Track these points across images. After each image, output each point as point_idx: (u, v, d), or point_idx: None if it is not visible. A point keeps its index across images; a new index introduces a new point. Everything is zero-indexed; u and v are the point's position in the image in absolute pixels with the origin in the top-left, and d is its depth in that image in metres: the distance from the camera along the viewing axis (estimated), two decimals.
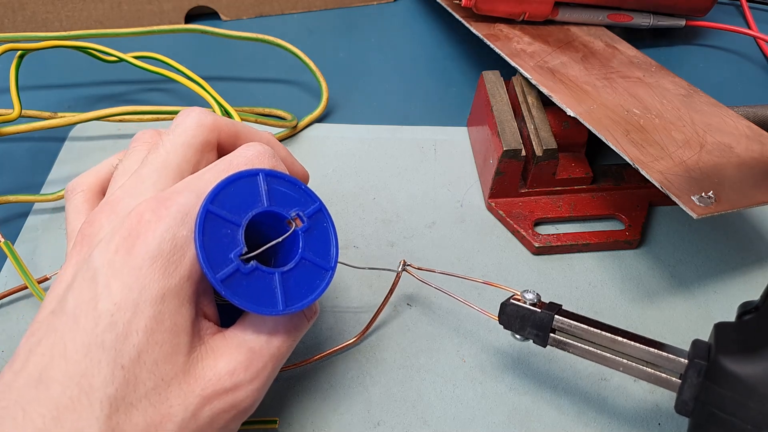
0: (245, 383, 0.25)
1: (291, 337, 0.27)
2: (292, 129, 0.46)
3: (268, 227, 0.27)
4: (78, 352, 0.22)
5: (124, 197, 0.26)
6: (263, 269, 0.25)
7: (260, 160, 0.27)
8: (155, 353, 0.23)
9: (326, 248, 0.27)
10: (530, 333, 0.30)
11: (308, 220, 0.27)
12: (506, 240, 0.40)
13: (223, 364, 0.25)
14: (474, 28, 0.47)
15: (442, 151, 0.46)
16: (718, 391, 0.25)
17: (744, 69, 0.54)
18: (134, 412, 0.22)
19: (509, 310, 0.30)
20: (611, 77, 0.44)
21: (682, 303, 0.37)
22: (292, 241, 0.27)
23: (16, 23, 0.54)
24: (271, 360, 0.26)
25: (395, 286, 0.35)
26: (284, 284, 0.25)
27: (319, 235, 0.27)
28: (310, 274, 0.26)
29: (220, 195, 0.25)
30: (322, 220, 0.28)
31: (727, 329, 0.27)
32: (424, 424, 0.32)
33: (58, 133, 0.46)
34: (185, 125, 0.28)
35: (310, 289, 0.26)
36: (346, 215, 0.41)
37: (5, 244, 0.36)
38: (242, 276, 0.24)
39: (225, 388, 0.24)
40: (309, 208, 0.27)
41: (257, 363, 0.25)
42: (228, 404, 0.24)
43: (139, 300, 0.23)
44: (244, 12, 0.58)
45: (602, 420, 0.32)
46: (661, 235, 0.40)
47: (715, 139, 0.39)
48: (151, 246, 0.23)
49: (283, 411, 0.32)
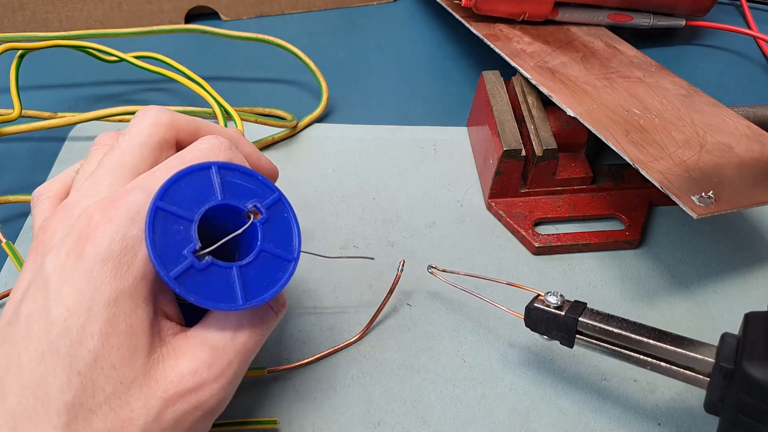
0: (209, 382, 0.24)
1: (257, 331, 0.26)
2: (292, 129, 0.46)
3: (226, 222, 0.26)
4: (32, 360, 0.22)
5: (80, 200, 0.25)
6: (219, 264, 0.24)
7: (214, 153, 0.26)
8: (112, 357, 0.22)
9: (288, 239, 0.26)
10: (556, 335, 0.30)
11: (267, 211, 0.26)
12: (506, 240, 0.40)
13: (185, 364, 0.24)
14: (474, 28, 0.47)
15: (442, 151, 0.46)
16: (742, 398, 0.24)
17: (744, 69, 0.54)
18: (94, 418, 0.22)
19: (534, 314, 0.30)
20: (611, 77, 0.44)
21: (682, 303, 0.37)
22: (252, 234, 0.26)
23: (16, 23, 0.54)
24: (237, 357, 0.25)
25: (396, 285, 0.35)
26: (243, 278, 0.25)
27: (280, 226, 0.26)
28: (271, 267, 0.26)
29: (171, 190, 0.24)
30: (282, 210, 0.27)
31: (757, 322, 0.26)
32: (424, 424, 0.32)
33: (58, 133, 0.46)
34: (141, 125, 0.27)
35: (272, 282, 0.25)
36: (346, 215, 0.41)
37: (6, 244, 0.36)
38: (197, 272, 0.24)
39: (187, 388, 0.24)
40: (267, 199, 0.26)
41: (221, 361, 0.25)
42: (192, 405, 0.24)
43: (91, 303, 0.22)
44: (244, 12, 0.58)
45: (602, 420, 0.32)
46: (661, 235, 0.40)
47: (715, 139, 0.39)
48: (101, 247, 0.23)
49: (283, 411, 0.32)
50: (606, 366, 0.34)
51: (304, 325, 0.36)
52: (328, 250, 0.39)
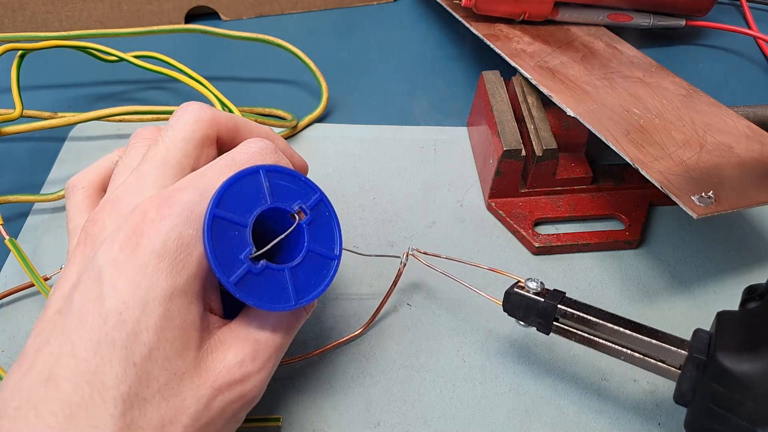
0: (253, 374, 0.25)
1: (292, 328, 0.28)
2: (292, 129, 0.46)
3: (273, 222, 0.27)
4: (87, 350, 0.22)
5: (126, 195, 0.26)
6: (273, 267, 0.25)
7: (262, 156, 0.27)
8: (166, 350, 0.23)
9: (330, 237, 0.28)
10: (534, 321, 0.30)
11: (311, 212, 0.27)
12: (506, 240, 0.40)
13: (232, 356, 0.25)
14: (474, 28, 0.47)
15: (442, 151, 0.46)
16: (715, 388, 0.25)
17: (744, 69, 0.54)
18: (148, 407, 0.22)
19: (513, 299, 0.30)
20: (611, 77, 0.44)
21: (682, 303, 0.37)
22: (297, 234, 0.27)
23: (16, 23, 0.54)
24: (275, 351, 0.26)
25: (399, 277, 0.35)
26: (294, 279, 0.26)
27: (323, 225, 0.27)
28: (316, 266, 0.27)
29: (225, 196, 0.25)
30: (324, 210, 0.28)
31: (730, 319, 0.27)
32: (424, 424, 0.32)
33: (58, 133, 0.46)
34: (184, 120, 0.27)
35: (318, 280, 0.27)
36: (346, 215, 0.41)
37: (10, 241, 0.36)
38: (254, 276, 0.25)
39: (235, 379, 0.25)
40: (311, 200, 0.27)
41: (263, 354, 0.26)
42: (237, 395, 0.25)
43: (147, 298, 0.23)
44: (244, 12, 0.58)
45: (602, 420, 0.32)
46: (661, 235, 0.40)
47: (715, 139, 0.39)
48: (156, 244, 0.23)
49: (283, 411, 0.32)
50: (606, 366, 0.34)
51: (305, 325, 0.36)
52: None
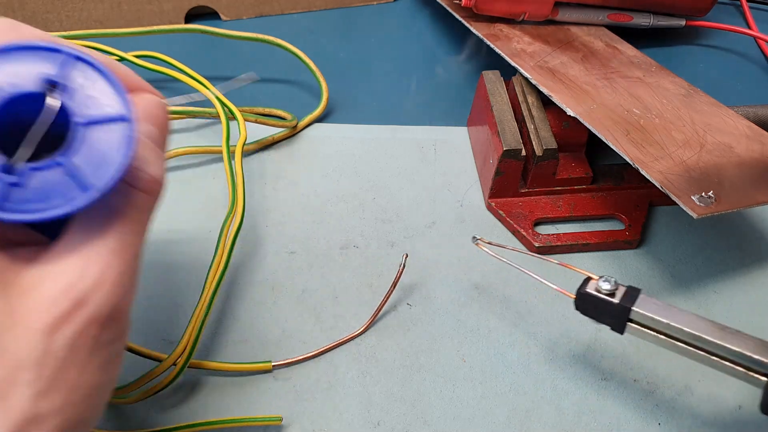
0: (89, 293, 0.21)
1: (130, 220, 0.22)
2: (292, 129, 0.46)
3: (27, 114, 0.21)
4: None
5: None
6: (40, 166, 0.20)
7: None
8: None
9: (109, 96, 0.21)
10: (607, 321, 0.29)
11: (67, 80, 0.21)
12: (506, 240, 0.40)
13: (52, 285, 0.21)
14: (474, 28, 0.47)
15: (442, 151, 0.46)
16: None
17: (744, 69, 0.54)
18: None
19: (586, 299, 0.30)
20: (611, 77, 0.44)
21: (682, 303, 0.37)
22: (64, 114, 0.21)
23: None
24: (115, 255, 0.22)
25: (399, 277, 0.35)
26: (73, 168, 0.20)
27: (92, 87, 0.21)
28: (104, 138, 0.21)
29: None
30: (85, 68, 0.21)
31: None
32: (424, 424, 0.32)
33: None
34: None
35: (114, 155, 0.21)
36: (346, 215, 0.41)
37: None
38: (20, 188, 0.20)
39: (65, 309, 0.21)
40: (57, 65, 0.21)
41: (95, 267, 0.21)
42: (81, 323, 0.21)
43: None
44: (244, 12, 0.58)
45: (602, 420, 0.32)
46: (661, 235, 0.40)
47: (715, 139, 0.39)
48: None
49: (283, 411, 0.32)
50: (606, 366, 0.34)
51: (305, 325, 0.36)
52: (328, 250, 0.39)
